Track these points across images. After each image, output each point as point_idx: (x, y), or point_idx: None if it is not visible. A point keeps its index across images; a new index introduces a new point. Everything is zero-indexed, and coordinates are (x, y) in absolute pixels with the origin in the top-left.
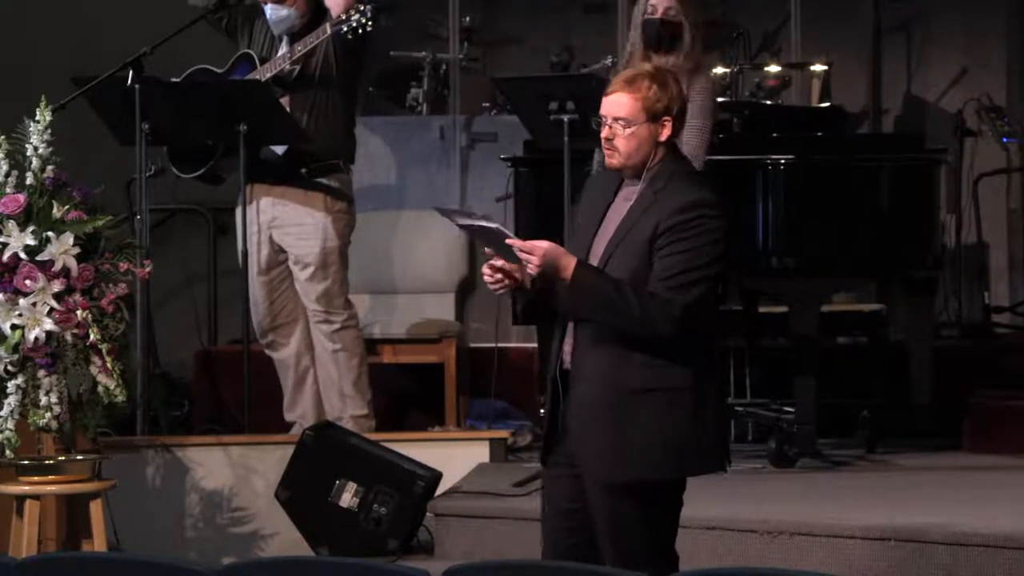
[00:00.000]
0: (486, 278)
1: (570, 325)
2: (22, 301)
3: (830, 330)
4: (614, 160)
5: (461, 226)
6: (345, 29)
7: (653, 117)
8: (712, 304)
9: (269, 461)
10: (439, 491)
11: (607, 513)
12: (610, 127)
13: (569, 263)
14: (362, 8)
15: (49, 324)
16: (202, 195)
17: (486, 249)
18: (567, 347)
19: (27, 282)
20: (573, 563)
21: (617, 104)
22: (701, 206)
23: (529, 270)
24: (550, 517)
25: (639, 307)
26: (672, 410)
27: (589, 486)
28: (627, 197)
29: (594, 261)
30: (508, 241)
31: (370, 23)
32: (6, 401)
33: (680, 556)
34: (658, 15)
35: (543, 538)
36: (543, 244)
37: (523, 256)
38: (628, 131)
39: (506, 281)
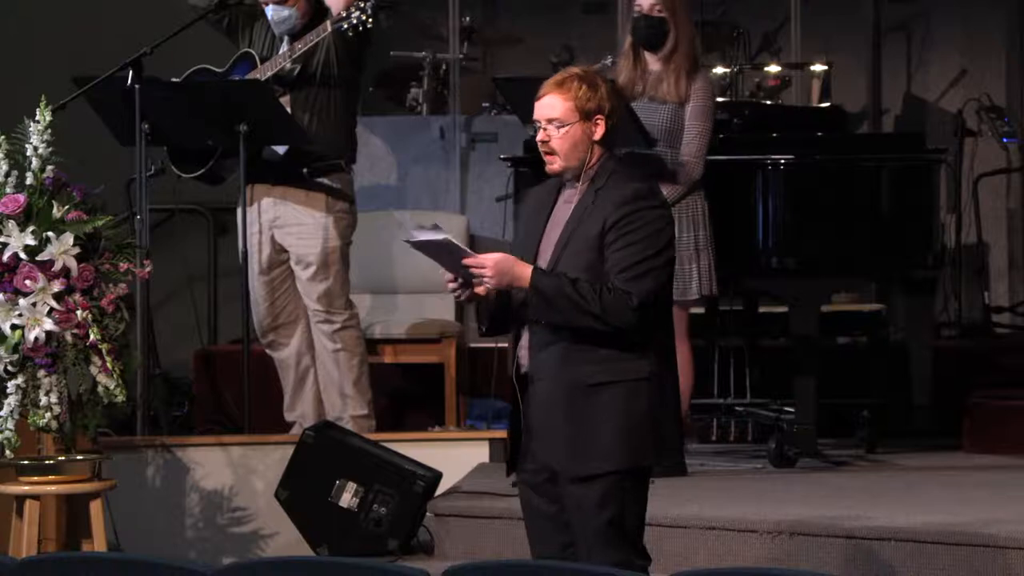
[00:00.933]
0: (449, 286)
1: (524, 327)
2: (22, 301)
3: (830, 330)
4: (554, 164)
5: (410, 242)
6: (346, 26)
7: (585, 116)
8: (666, 295)
9: (269, 461)
10: (439, 491)
11: (573, 507)
12: (545, 130)
13: (524, 271)
14: (362, 5)
15: (49, 324)
16: (202, 195)
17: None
18: (522, 350)
19: (27, 282)
20: (573, 563)
21: (549, 106)
22: (640, 198)
23: (486, 284)
24: (533, 524)
25: (599, 301)
26: (627, 402)
27: (560, 483)
28: (568, 199)
29: (543, 264)
30: (465, 261)
31: (370, 20)
32: (6, 401)
33: (680, 556)
34: (643, 11)
35: (530, 547)
36: (494, 256)
37: (476, 271)
38: (562, 131)
39: (467, 289)
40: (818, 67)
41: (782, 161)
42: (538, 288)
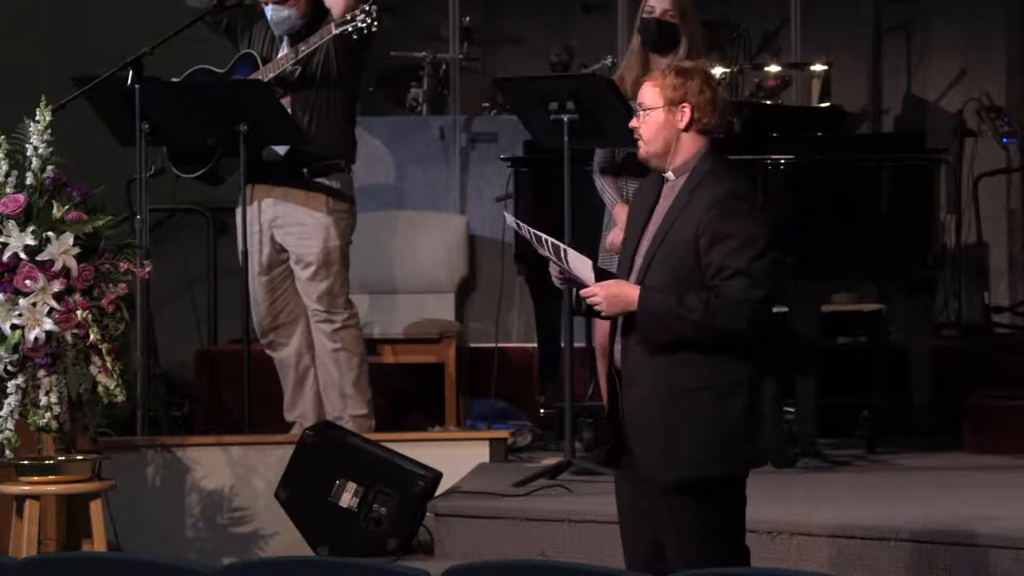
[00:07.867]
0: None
1: (619, 323)
2: (22, 301)
3: (830, 330)
4: (640, 149)
5: (530, 237)
6: (350, 30)
7: (670, 103)
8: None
9: (269, 461)
10: (439, 491)
11: (666, 511)
12: (638, 116)
13: (633, 293)
14: (367, 9)
15: (49, 324)
16: (202, 195)
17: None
18: (617, 345)
19: (27, 282)
20: (575, 563)
21: (642, 92)
22: (732, 199)
23: (601, 310)
24: (626, 518)
25: (705, 311)
26: (723, 407)
27: (650, 485)
28: (666, 195)
29: (639, 261)
30: (584, 292)
31: (375, 24)
32: (6, 401)
33: None
34: (656, 15)
35: (622, 539)
36: (603, 284)
37: (590, 300)
38: (646, 116)
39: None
40: (818, 67)
41: (782, 161)
42: (647, 310)
